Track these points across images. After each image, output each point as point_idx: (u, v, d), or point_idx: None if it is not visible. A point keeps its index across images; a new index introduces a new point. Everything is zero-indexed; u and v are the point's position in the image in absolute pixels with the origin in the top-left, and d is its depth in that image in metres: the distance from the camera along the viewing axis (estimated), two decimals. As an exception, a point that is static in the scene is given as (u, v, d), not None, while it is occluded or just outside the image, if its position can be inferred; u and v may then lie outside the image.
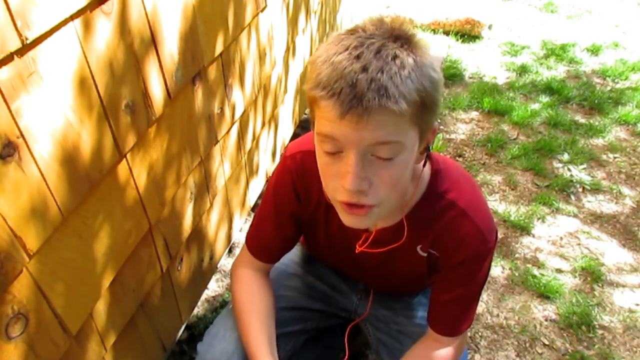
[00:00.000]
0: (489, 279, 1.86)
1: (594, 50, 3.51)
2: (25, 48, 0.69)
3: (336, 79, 0.66)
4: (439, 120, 2.73)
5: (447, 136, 2.63)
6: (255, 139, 1.75)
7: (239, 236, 1.88)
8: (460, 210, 0.88)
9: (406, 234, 0.91)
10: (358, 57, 0.67)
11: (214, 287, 1.76)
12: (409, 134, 0.71)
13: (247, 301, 1.04)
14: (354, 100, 0.65)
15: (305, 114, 2.45)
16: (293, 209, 1.01)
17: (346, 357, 1.14)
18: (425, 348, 1.01)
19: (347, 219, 0.79)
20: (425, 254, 0.96)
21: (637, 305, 1.79)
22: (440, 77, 0.72)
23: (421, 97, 0.68)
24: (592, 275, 1.88)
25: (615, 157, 2.52)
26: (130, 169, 1.01)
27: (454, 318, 0.99)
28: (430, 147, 0.84)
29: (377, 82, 0.65)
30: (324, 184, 0.79)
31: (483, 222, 0.89)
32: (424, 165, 0.86)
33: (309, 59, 1.78)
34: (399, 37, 0.69)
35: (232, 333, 1.05)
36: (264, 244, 1.07)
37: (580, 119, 2.80)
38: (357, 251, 0.97)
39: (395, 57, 0.67)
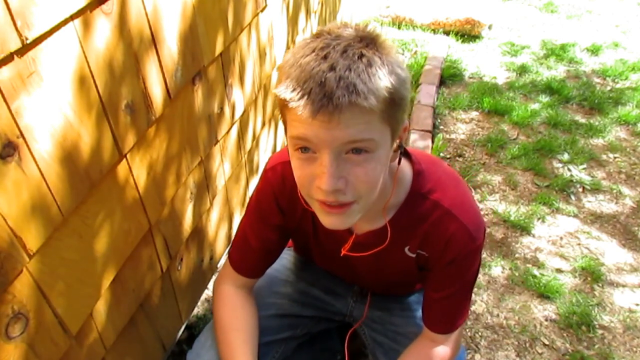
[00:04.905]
0: (489, 278, 1.86)
1: (594, 50, 3.51)
2: (25, 48, 0.69)
3: (305, 80, 0.67)
4: (439, 120, 2.73)
5: (447, 136, 2.63)
6: (255, 139, 1.75)
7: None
8: (445, 210, 0.88)
9: (390, 237, 0.91)
10: (325, 57, 0.68)
11: (214, 287, 1.76)
12: (381, 131, 0.72)
13: (230, 319, 1.02)
14: (324, 99, 0.66)
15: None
16: (277, 222, 1.01)
17: None
18: (422, 347, 1.01)
19: (327, 220, 0.79)
20: (414, 255, 0.96)
21: (637, 305, 1.79)
22: (407, 75, 0.74)
23: (390, 94, 0.69)
24: (592, 275, 1.88)
25: (615, 157, 2.52)
26: (130, 168, 1.01)
27: (448, 316, 0.99)
28: (402, 146, 0.84)
29: (346, 79, 0.66)
30: (300, 187, 0.79)
31: (469, 219, 0.89)
32: (399, 163, 0.86)
33: (278, 65, 1.77)
34: (363, 37, 0.71)
35: None
36: (247, 260, 1.06)
37: (580, 119, 2.80)
38: (341, 254, 0.97)
39: (361, 55, 0.68)
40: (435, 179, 0.91)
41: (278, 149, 2.05)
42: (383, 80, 0.68)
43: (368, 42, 0.70)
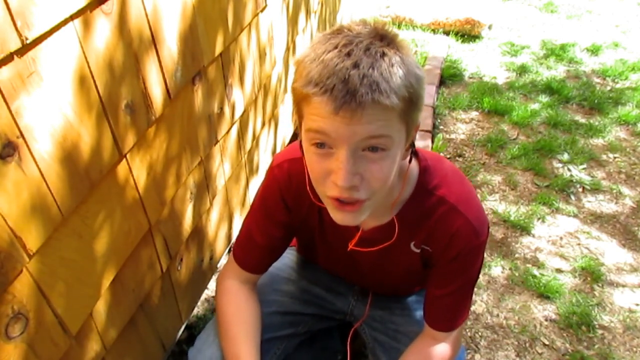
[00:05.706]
0: (489, 278, 1.86)
1: (594, 50, 3.51)
2: (25, 48, 0.69)
3: (328, 76, 0.68)
4: (439, 120, 2.73)
5: (447, 136, 2.63)
6: (256, 139, 1.75)
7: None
8: (450, 206, 0.89)
9: (397, 232, 0.92)
10: (348, 54, 0.68)
11: (214, 287, 1.76)
12: (398, 130, 0.73)
13: (233, 313, 1.03)
14: (347, 95, 0.67)
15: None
16: (282, 219, 1.01)
17: None
18: (423, 345, 1.01)
19: (338, 216, 0.79)
20: (418, 250, 0.96)
21: (637, 305, 1.79)
22: (424, 75, 0.75)
23: (409, 93, 0.70)
24: (592, 275, 1.88)
25: (615, 157, 2.52)
26: (130, 168, 1.01)
27: (450, 313, 0.99)
28: (414, 144, 0.85)
29: (369, 77, 0.67)
30: (314, 182, 0.79)
31: (474, 215, 0.90)
32: (409, 162, 0.87)
33: (295, 59, 1.77)
34: (384, 36, 0.72)
35: None
36: (252, 256, 1.06)
37: (580, 119, 2.80)
38: (348, 249, 0.97)
39: (383, 54, 0.69)
40: (441, 176, 0.92)
41: (278, 149, 2.05)
42: (404, 79, 0.69)
43: (388, 41, 0.71)
